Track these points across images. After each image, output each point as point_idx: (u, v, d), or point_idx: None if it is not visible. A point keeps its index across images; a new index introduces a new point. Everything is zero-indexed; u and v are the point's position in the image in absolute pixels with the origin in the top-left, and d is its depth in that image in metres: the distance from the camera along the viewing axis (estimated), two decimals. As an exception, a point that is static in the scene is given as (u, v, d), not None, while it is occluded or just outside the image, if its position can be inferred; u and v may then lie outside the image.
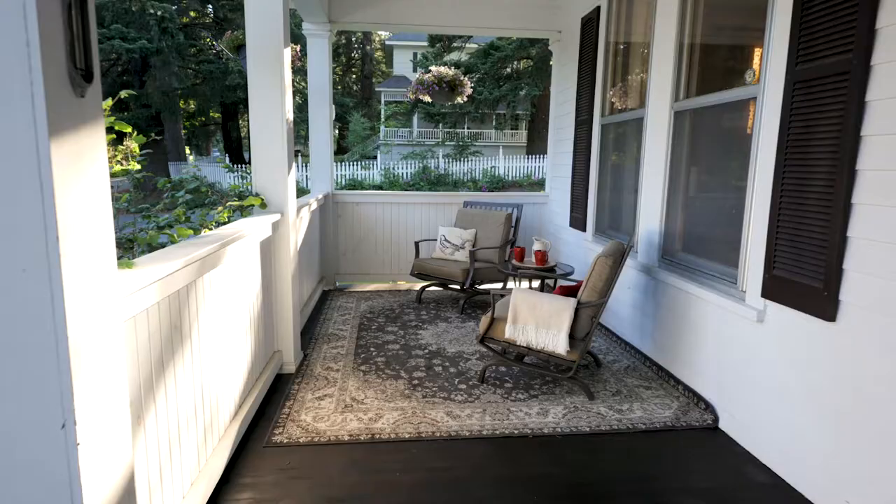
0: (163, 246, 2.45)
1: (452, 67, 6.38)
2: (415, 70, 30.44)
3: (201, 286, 2.27)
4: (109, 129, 1.76)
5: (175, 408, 2.02)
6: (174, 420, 2.01)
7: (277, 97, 3.37)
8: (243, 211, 3.49)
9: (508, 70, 22.61)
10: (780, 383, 2.59)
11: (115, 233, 2.69)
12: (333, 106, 6.07)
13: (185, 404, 2.12)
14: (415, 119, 27.69)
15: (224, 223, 2.98)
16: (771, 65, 2.64)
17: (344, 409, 3.16)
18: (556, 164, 6.06)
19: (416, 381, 3.57)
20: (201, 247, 2.21)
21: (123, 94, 1.90)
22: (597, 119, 4.82)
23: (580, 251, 5.22)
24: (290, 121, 3.58)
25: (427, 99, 6.29)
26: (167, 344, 1.94)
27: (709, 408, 3.14)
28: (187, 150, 28.40)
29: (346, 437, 2.85)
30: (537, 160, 23.04)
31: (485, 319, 3.46)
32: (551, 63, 6.58)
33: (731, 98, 3.06)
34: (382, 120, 27.98)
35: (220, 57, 21.64)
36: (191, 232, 2.27)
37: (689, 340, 3.36)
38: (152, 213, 3.01)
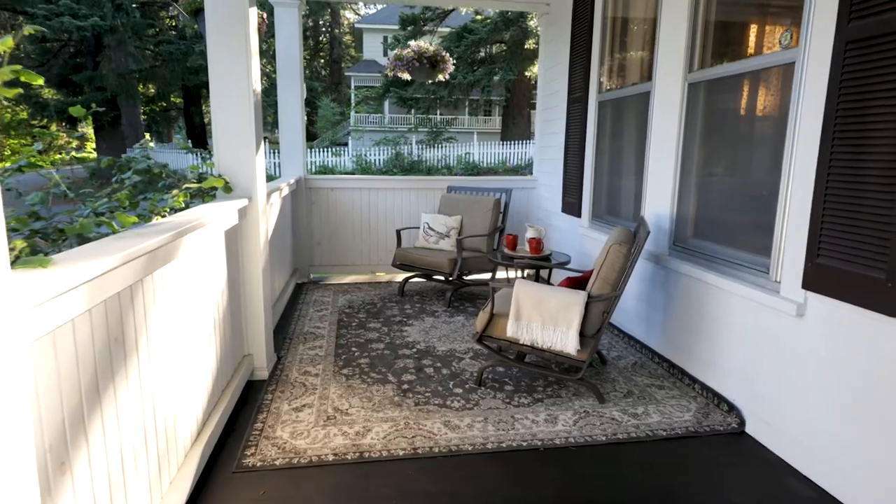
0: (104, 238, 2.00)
1: (432, 43, 5.93)
2: (385, 54, 29.68)
3: (150, 286, 1.83)
4: (15, 83, 1.31)
5: (117, 441, 1.59)
6: (116, 456, 1.58)
7: (242, 62, 2.91)
8: (205, 197, 3.03)
9: (482, 54, 22.17)
10: (825, 386, 2.29)
11: (46, 222, 2.22)
12: (304, 85, 5.57)
13: (132, 433, 1.69)
14: (386, 104, 27.03)
15: (181, 209, 2.53)
16: (814, 24, 2.31)
17: (326, 421, 2.76)
18: (545, 146, 5.71)
19: (406, 386, 3.19)
20: (149, 238, 1.77)
21: (27, 29, 1.43)
22: (593, 96, 4.47)
23: (574, 238, 4.90)
24: (258, 92, 3.13)
25: (406, 76, 5.85)
26: (104, 363, 1.51)
27: (733, 410, 2.85)
28: (147, 137, 27.16)
29: (331, 457, 2.46)
30: (512, 146, 22.75)
31: (483, 316, 3.09)
32: (535, 43, 6.19)
33: (761, 65, 2.74)
34: (353, 105, 27.24)
35: (182, 37, 20.60)
36: (135, 220, 1.83)
37: (708, 335, 3.06)
38: (93, 198, 2.53)
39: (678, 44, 3.28)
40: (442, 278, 5.15)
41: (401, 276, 5.73)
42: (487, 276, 5.27)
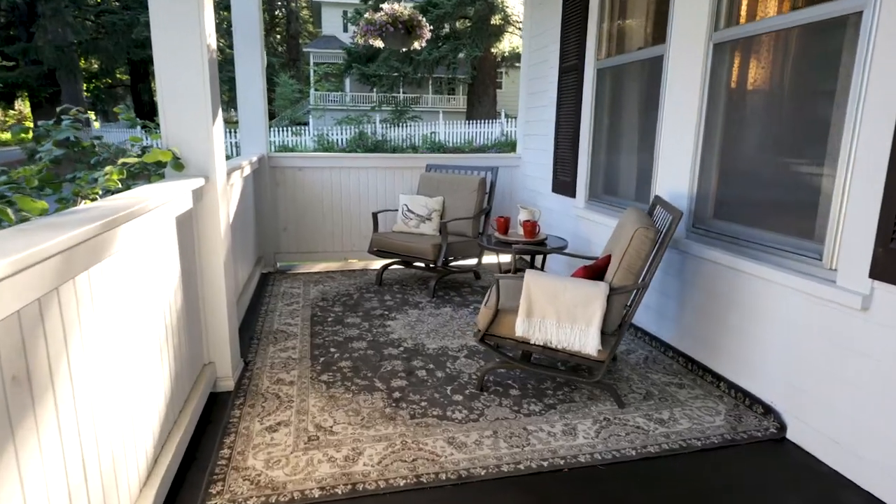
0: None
1: (408, 6, 5.39)
2: (345, 30, 28.60)
3: (71, 296, 1.34)
4: None
5: (24, 522, 1.11)
6: (23, 544, 1.11)
7: (192, 4, 2.36)
8: (151, 176, 2.50)
9: (447, 29, 21.49)
10: (891, 389, 1.98)
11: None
12: (265, 53, 4.97)
13: (50, 494, 1.22)
14: (348, 82, 26.10)
15: (117, 191, 2.00)
16: (889, -35, 1.95)
17: (307, 444, 2.32)
18: (532, 120, 5.29)
19: (397, 394, 2.76)
20: (66, 230, 1.27)
21: None
22: (590, 63, 4.07)
23: (567, 220, 4.53)
24: (214, 49, 2.59)
25: (378, 44, 5.30)
26: (-5, 416, 1.03)
27: (770, 413, 2.54)
28: (92, 116, 25.47)
29: (317, 493, 2.02)
30: (478, 126, 22.27)
31: (486, 312, 2.68)
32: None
33: (811, 18, 2.37)
34: (312, 83, 26.18)
35: (125, 7, 19.18)
36: (43, 206, 1.33)
37: (738, 329, 2.73)
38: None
39: (699, -1, 2.89)
40: (423, 265, 4.71)
41: (377, 264, 5.27)
42: (473, 261, 4.86)
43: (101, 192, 1.91)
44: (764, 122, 2.74)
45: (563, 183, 4.55)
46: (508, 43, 23.07)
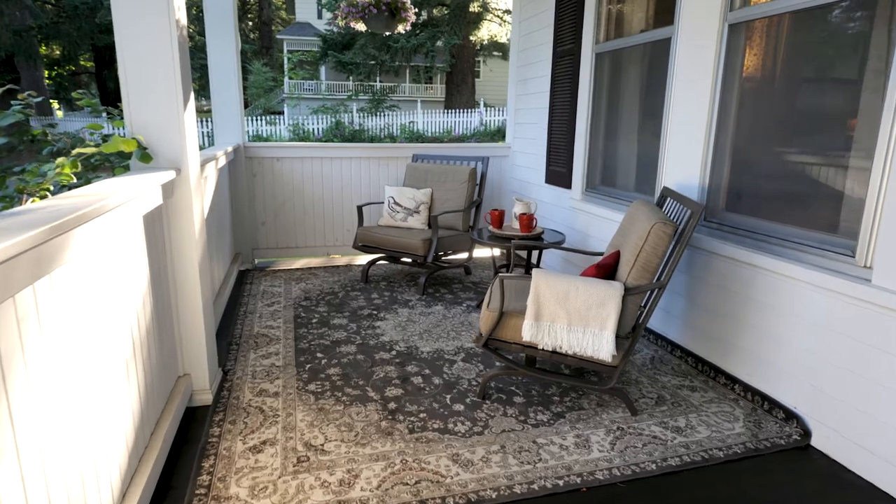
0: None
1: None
2: (319, 17, 27.91)
3: (10, 318, 1.08)
4: None
5: None
6: None
7: (159, -23, 2.08)
8: (115, 169, 2.22)
9: (424, 16, 21.08)
10: (938, 397, 1.84)
11: None
12: (239, 36, 4.64)
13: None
14: (323, 70, 25.51)
15: (73, 187, 1.73)
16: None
17: (297, 465, 2.09)
18: (523, 108, 5.08)
19: (392, 405, 2.54)
20: (2, 238, 1.02)
21: None
22: (587, 47, 3.86)
23: (561, 212, 4.34)
24: (184, 24, 2.30)
25: (360, 27, 5.01)
26: None
27: (791, 418, 2.39)
28: (55, 105, 24.42)
29: (311, 525, 1.80)
30: (457, 115, 21.98)
31: (488, 314, 2.47)
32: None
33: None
34: (287, 71, 25.51)
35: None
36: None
37: (755, 328, 2.58)
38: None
39: (712, -23, 2.70)
40: (410, 260, 4.48)
41: (362, 259, 5.03)
42: (463, 255, 4.65)
43: (51, 189, 1.64)
44: (784, 109, 2.58)
45: (558, 173, 4.36)
46: (487, 31, 22.77)
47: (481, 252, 5.24)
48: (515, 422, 2.42)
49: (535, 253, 3.95)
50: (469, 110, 22.26)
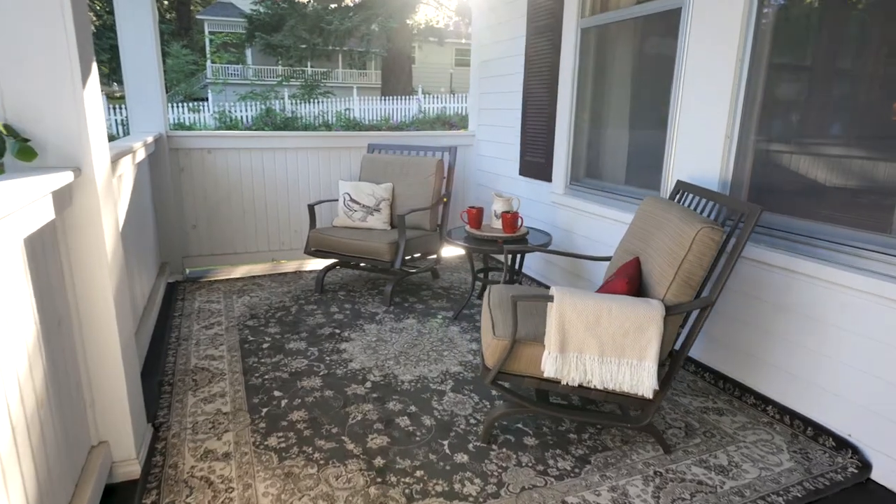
0: None
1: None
2: (243, -4, 26.19)
3: None
4: None
5: None
6: None
7: None
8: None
9: (358, -1, 20.15)
10: None
11: None
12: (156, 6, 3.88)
13: None
14: (249, 53, 24.00)
15: None
16: None
17: (266, 570, 1.54)
18: (489, 92, 4.61)
19: (380, 460, 2.03)
20: None
21: None
22: (571, 21, 3.43)
23: (541, 208, 3.92)
24: (78, -33, 1.66)
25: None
26: None
27: (844, 447, 2.08)
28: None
29: None
30: (394, 102, 21.29)
31: (497, 344, 2.00)
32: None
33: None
34: (209, 54, 23.81)
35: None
36: None
37: (793, 342, 2.25)
38: None
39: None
40: (373, 266, 3.93)
41: (312, 264, 4.43)
42: (432, 257, 4.16)
43: None
44: (832, 89, 2.24)
45: (535, 165, 3.93)
46: (424, 16, 22.13)
47: (451, 251, 4.76)
48: (534, 473, 1.97)
49: (515, 256, 3.51)
50: (407, 97, 21.61)
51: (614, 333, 1.86)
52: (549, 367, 1.89)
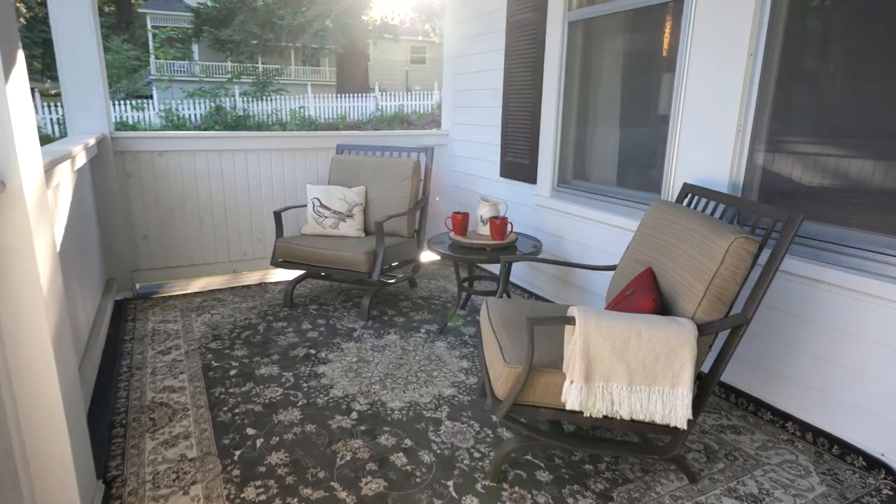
0: None
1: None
2: (188, -11, 25.06)
3: None
4: None
5: None
6: None
7: None
8: None
9: (312, -7, 19.57)
10: None
11: None
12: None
13: None
14: (196, 49, 22.98)
15: None
16: None
17: None
18: (465, 89, 4.37)
19: (379, 511, 1.77)
20: None
21: None
22: (557, 14, 3.23)
23: (525, 212, 3.72)
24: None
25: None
26: None
27: (876, 467, 1.96)
28: None
29: None
30: (351, 100, 20.79)
31: (509, 372, 1.76)
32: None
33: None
34: (153, 49, 22.65)
35: None
36: None
37: (815, 354, 2.12)
38: None
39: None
40: (344, 277, 3.63)
41: (278, 275, 4.10)
42: (410, 265, 3.89)
43: None
44: (864, 74, 2.11)
45: (518, 166, 3.72)
46: (379, 12, 21.70)
47: (423, 257, 4.50)
48: (554, 516, 1.75)
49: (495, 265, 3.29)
50: (363, 95, 21.15)
51: (644, 358, 1.66)
52: (573, 398, 1.67)
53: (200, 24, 19.17)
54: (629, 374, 1.67)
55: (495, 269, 3.89)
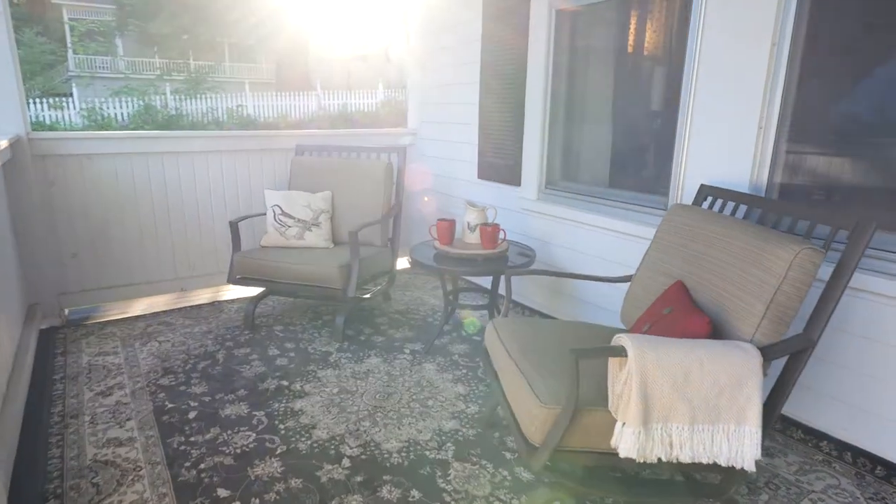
0: None
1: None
2: (109, -20, 23.37)
3: None
4: None
5: None
6: None
7: None
8: None
9: (246, -14, 18.62)
10: None
11: None
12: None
13: None
14: (120, 44, 21.46)
15: None
16: None
17: None
18: (437, 85, 4.06)
19: None
20: None
21: None
22: (543, 3, 2.98)
23: (508, 216, 3.43)
24: None
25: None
26: None
27: (928, 489, 1.82)
28: None
29: None
30: (291, 98, 20.01)
31: (546, 414, 1.49)
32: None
33: None
34: (70, 43, 20.96)
35: None
36: None
37: (852, 368, 1.96)
38: None
39: None
40: (311, 293, 3.25)
41: (231, 292, 3.67)
42: (385, 277, 3.54)
43: None
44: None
45: (500, 167, 3.46)
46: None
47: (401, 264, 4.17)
48: (603, 581, 1.49)
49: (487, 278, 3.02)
50: (304, 93, 20.41)
51: (707, 393, 1.42)
52: (628, 445, 1.41)
53: (125, 17, 17.86)
54: (691, 412, 1.43)
55: (481, 280, 3.61)
